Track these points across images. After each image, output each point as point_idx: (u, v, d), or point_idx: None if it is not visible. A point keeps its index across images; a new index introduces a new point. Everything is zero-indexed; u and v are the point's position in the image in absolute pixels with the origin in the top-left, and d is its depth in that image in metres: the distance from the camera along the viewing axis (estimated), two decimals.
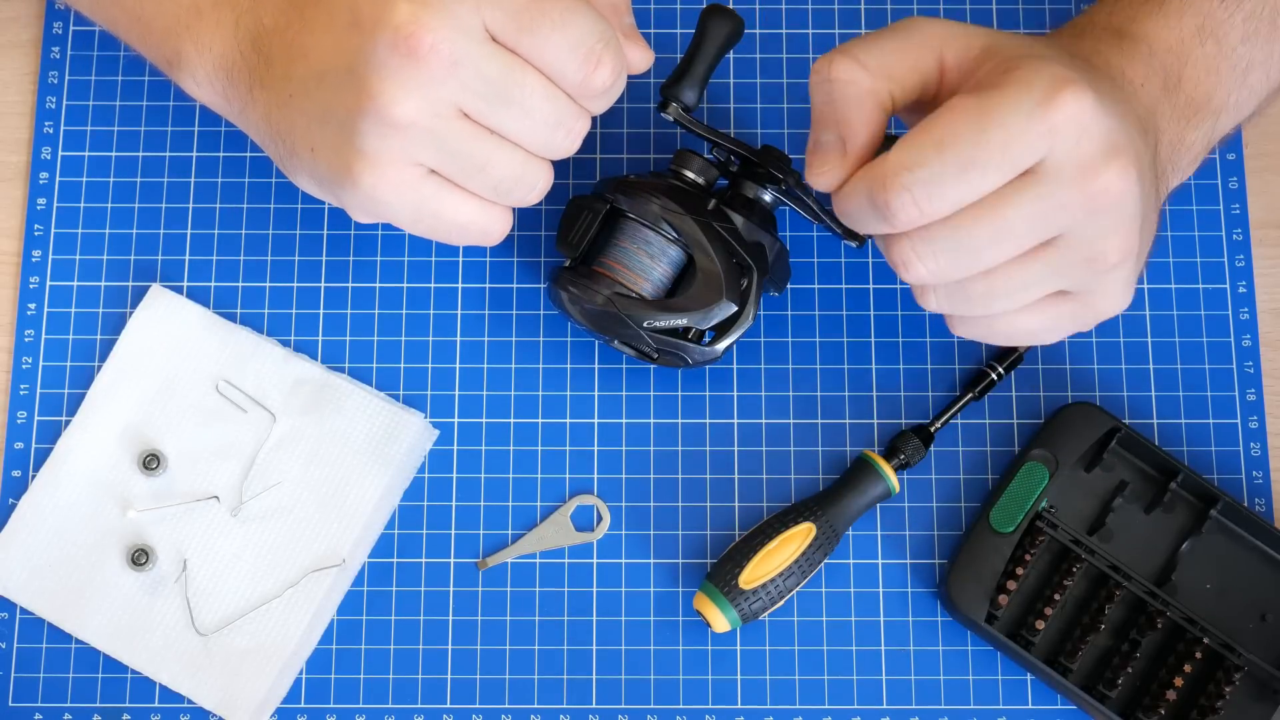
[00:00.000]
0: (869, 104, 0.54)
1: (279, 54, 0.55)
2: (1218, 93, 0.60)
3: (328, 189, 0.57)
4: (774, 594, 0.64)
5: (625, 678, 0.66)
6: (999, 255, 0.53)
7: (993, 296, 0.54)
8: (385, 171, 0.54)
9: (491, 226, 0.57)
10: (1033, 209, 0.51)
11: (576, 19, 0.53)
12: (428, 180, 0.55)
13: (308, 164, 0.56)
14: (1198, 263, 0.71)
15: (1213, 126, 0.60)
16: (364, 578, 0.67)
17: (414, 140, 0.53)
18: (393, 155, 0.53)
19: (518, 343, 0.70)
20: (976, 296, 0.55)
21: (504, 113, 0.53)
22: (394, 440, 0.67)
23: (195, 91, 0.60)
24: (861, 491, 0.66)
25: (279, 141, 0.57)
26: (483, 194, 0.56)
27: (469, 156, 0.54)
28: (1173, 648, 0.65)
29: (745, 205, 0.65)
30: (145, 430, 0.68)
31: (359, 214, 0.57)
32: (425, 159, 0.54)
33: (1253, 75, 0.60)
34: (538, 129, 0.54)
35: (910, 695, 0.66)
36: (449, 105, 0.53)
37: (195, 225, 0.71)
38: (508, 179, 0.56)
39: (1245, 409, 0.69)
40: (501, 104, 0.53)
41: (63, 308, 0.70)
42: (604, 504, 0.68)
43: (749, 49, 0.73)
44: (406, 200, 0.55)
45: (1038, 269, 0.53)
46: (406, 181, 0.54)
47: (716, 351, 0.64)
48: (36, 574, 0.66)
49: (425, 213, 0.56)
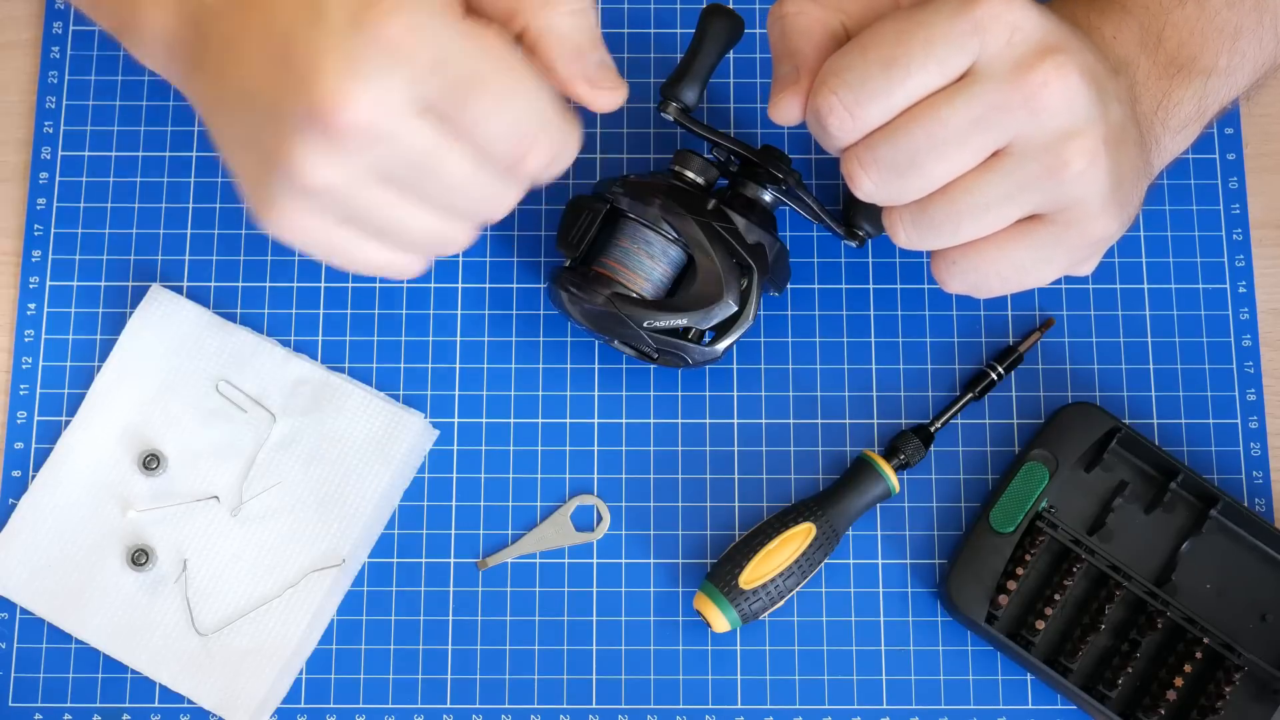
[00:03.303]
0: (819, 33, 0.54)
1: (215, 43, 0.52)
2: (1204, 54, 0.60)
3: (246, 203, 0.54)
4: (774, 594, 0.64)
5: (625, 678, 0.66)
6: (945, 165, 0.52)
7: (957, 219, 0.54)
8: (295, 220, 0.51)
9: (407, 269, 0.55)
10: (968, 110, 0.51)
11: (516, 99, 0.49)
12: (340, 227, 0.52)
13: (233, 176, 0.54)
14: (1198, 263, 0.71)
15: (1203, 87, 0.60)
16: (364, 578, 0.67)
17: (326, 202, 0.50)
18: (303, 210, 0.51)
19: (518, 343, 0.70)
20: (940, 220, 0.54)
21: (425, 183, 0.51)
22: (394, 440, 0.67)
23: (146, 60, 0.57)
24: (861, 491, 0.66)
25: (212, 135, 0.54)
26: (400, 247, 0.54)
27: (381, 219, 0.52)
28: (1173, 648, 0.65)
29: (745, 205, 0.65)
30: (145, 430, 0.68)
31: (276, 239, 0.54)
32: (338, 215, 0.51)
33: (1243, 40, 0.60)
34: (461, 200, 0.52)
35: (910, 695, 0.66)
36: (365, 173, 0.49)
37: (195, 225, 0.71)
38: (422, 241, 0.53)
39: (1245, 409, 0.69)
40: (424, 176, 0.50)
41: (63, 308, 0.70)
42: (604, 504, 0.68)
43: (749, 49, 0.73)
44: (316, 244, 0.52)
45: (995, 182, 0.52)
46: (317, 228, 0.52)
47: (716, 351, 0.64)
48: (36, 574, 0.66)
49: (336, 255, 0.53)
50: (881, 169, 0.53)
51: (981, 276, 0.57)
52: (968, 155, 0.52)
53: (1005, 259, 0.56)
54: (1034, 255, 0.55)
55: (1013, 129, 0.51)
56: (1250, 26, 0.60)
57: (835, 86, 0.51)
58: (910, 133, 0.51)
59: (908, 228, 0.55)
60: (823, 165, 0.72)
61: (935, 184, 0.53)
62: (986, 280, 0.57)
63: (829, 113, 0.52)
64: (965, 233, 0.54)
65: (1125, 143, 0.54)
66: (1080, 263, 0.58)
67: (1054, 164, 0.52)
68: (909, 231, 0.55)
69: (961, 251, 0.56)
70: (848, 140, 0.53)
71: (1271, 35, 0.61)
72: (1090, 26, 0.58)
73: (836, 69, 0.52)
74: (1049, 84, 0.50)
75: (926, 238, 0.55)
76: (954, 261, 0.56)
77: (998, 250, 0.55)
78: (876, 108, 0.51)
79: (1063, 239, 0.55)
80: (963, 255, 0.56)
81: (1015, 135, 0.52)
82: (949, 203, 0.53)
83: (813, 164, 0.72)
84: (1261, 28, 0.61)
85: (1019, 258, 0.56)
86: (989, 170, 0.52)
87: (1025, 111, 0.51)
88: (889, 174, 0.53)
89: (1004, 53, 0.50)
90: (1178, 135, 0.61)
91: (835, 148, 0.54)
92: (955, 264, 0.57)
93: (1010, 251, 0.55)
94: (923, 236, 0.55)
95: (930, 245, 0.56)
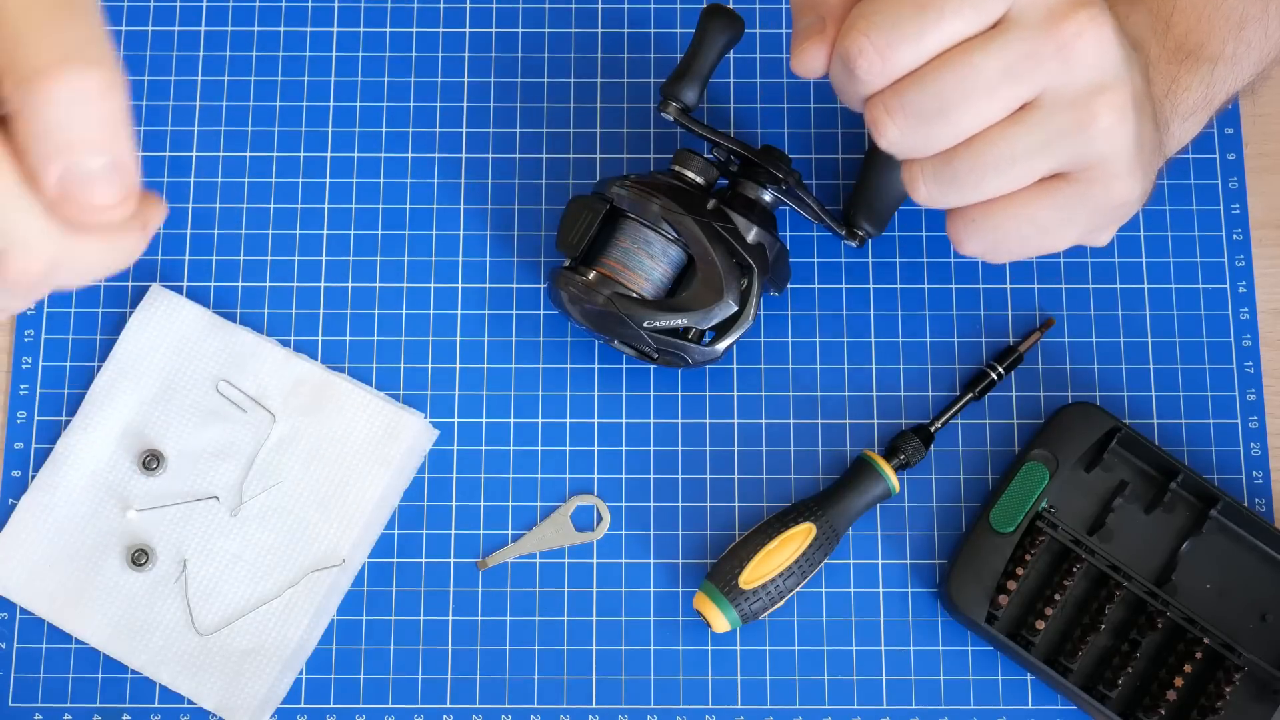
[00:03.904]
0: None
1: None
2: (1211, 41, 0.60)
3: None
4: (774, 594, 0.64)
5: (625, 678, 0.66)
6: (973, 115, 0.51)
7: (981, 172, 0.53)
8: None
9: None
10: (1001, 58, 0.50)
11: None
12: None
13: None
14: (1198, 263, 0.71)
15: (1210, 74, 0.60)
16: (364, 578, 0.67)
17: None
18: None
19: (518, 343, 0.70)
20: (964, 173, 0.53)
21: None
22: (394, 440, 0.67)
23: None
24: (861, 491, 0.66)
25: None
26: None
27: None
28: (1173, 648, 0.65)
29: (745, 205, 0.65)
30: (145, 430, 0.68)
31: None
32: None
33: (1248, 29, 0.60)
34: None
35: (910, 695, 0.66)
36: None
37: (195, 225, 0.71)
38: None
39: (1245, 409, 0.69)
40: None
41: (63, 308, 0.70)
42: (604, 504, 0.68)
43: (749, 49, 0.73)
44: None
45: (1023, 135, 0.52)
46: None
47: (716, 351, 0.64)
48: (36, 574, 0.66)
49: None
50: (909, 115, 0.51)
51: (1001, 235, 0.55)
52: (997, 105, 0.51)
53: (1026, 217, 0.54)
54: (1056, 215, 0.54)
55: (1043, 80, 0.51)
56: (1256, 15, 0.61)
57: (866, 29, 0.50)
58: (940, 79, 0.51)
59: (929, 181, 0.54)
60: (822, 165, 0.72)
61: (961, 135, 0.52)
62: (1006, 240, 0.55)
63: (859, 54, 0.50)
64: (988, 188, 0.53)
65: (1146, 111, 0.54)
66: (1098, 229, 0.57)
67: (1083, 118, 0.51)
68: (930, 185, 0.54)
69: (982, 210, 0.55)
70: (876, 85, 0.52)
71: (1277, 24, 0.61)
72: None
73: (867, 12, 0.51)
74: (1083, 34, 0.50)
75: (948, 192, 0.54)
76: (973, 220, 0.55)
77: (1020, 208, 0.54)
78: (908, 51, 0.50)
79: (1086, 198, 0.54)
80: (983, 213, 0.55)
81: (1045, 87, 0.51)
82: (973, 155, 0.52)
83: (813, 164, 0.72)
84: (1267, 16, 0.61)
85: (1041, 217, 0.54)
86: (1016, 123, 0.52)
87: (1057, 61, 0.50)
88: (915, 121, 0.52)
89: (1038, 1, 0.50)
90: (1185, 122, 0.61)
91: (860, 96, 0.53)
92: (974, 222, 0.55)
93: (1032, 209, 0.54)
94: (944, 191, 0.54)
95: (950, 201, 0.55)
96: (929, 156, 0.53)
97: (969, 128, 0.52)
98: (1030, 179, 0.53)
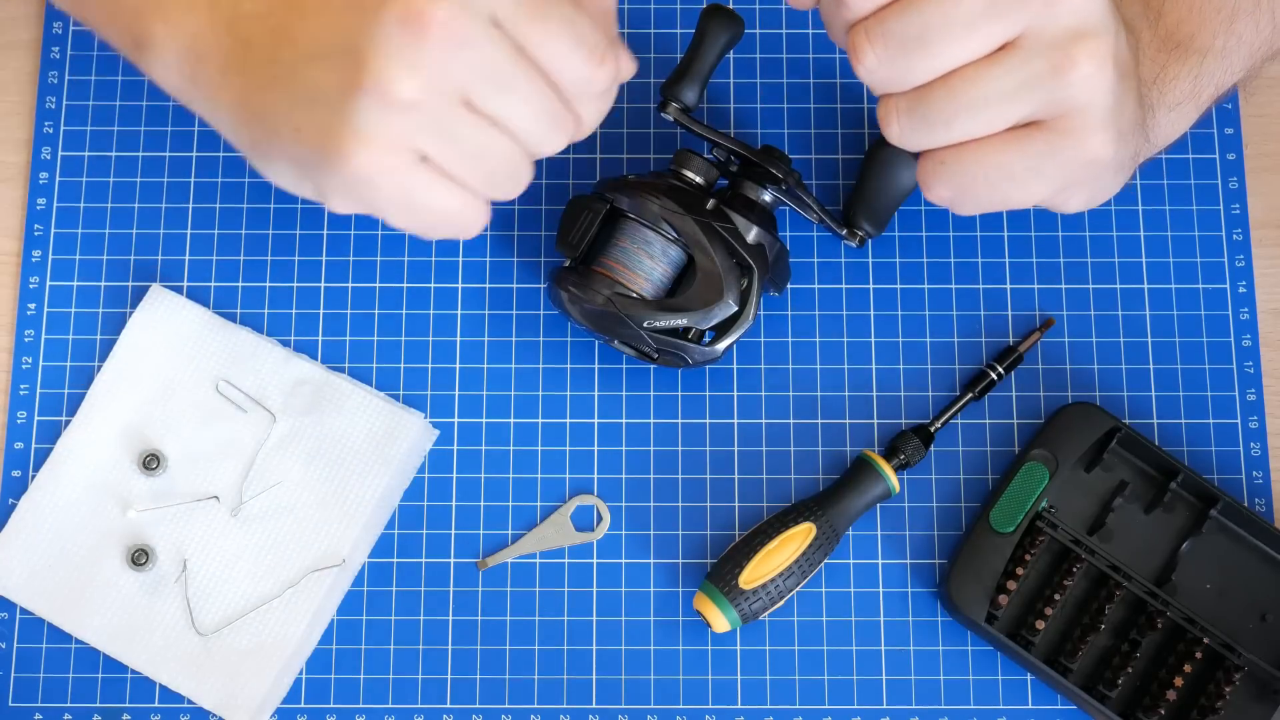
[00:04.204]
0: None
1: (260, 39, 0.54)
2: (1201, 34, 0.60)
3: (309, 173, 0.54)
4: (774, 594, 0.64)
5: (625, 678, 0.66)
6: (953, 49, 0.52)
7: (954, 111, 0.53)
8: (378, 153, 0.52)
9: (474, 220, 0.56)
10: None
11: (583, 17, 0.52)
12: (419, 167, 0.53)
13: (288, 147, 0.54)
14: (1198, 263, 0.71)
15: (1199, 66, 0.60)
16: (364, 578, 0.67)
17: (413, 122, 0.51)
18: (389, 136, 0.52)
19: (518, 343, 0.70)
20: (937, 110, 0.53)
21: (505, 101, 0.52)
22: (394, 440, 0.67)
23: (162, 75, 0.58)
24: (861, 491, 0.66)
25: (255, 125, 0.55)
26: (471, 184, 0.54)
27: (466, 143, 0.53)
28: (1173, 648, 0.65)
29: (745, 205, 0.65)
30: (145, 430, 0.68)
31: (340, 200, 0.55)
32: (421, 143, 0.52)
33: (1240, 23, 0.61)
34: (535, 122, 0.53)
35: (910, 695, 0.66)
36: (453, 88, 0.51)
37: (195, 225, 0.71)
38: (500, 170, 0.54)
39: (1245, 409, 0.69)
40: (503, 92, 0.52)
41: (63, 308, 0.70)
42: (604, 504, 0.68)
43: (749, 49, 0.73)
44: (395, 185, 0.53)
45: (1000, 75, 0.52)
46: (398, 166, 0.53)
47: (716, 351, 0.64)
48: (36, 574, 0.66)
49: (411, 201, 0.54)
50: (889, 44, 0.52)
51: (969, 180, 0.55)
52: (977, 41, 0.51)
53: (996, 162, 0.54)
54: (1025, 163, 0.54)
55: (1026, 19, 0.51)
56: (1247, 9, 0.61)
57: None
58: (924, 8, 0.51)
59: (902, 117, 0.54)
60: (822, 165, 0.72)
61: (939, 69, 0.52)
62: (973, 185, 0.55)
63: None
64: (961, 129, 0.54)
65: (1129, 78, 0.54)
66: (1069, 188, 0.56)
67: (1062, 62, 0.51)
68: (903, 122, 0.54)
69: (954, 151, 0.55)
70: (860, 12, 0.52)
71: (1268, 19, 0.61)
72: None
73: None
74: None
75: (919, 130, 0.54)
76: (943, 161, 0.55)
77: (991, 153, 0.54)
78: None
79: (1058, 150, 0.54)
80: (954, 156, 0.55)
81: (1027, 27, 0.51)
82: (949, 93, 0.53)
83: (813, 164, 0.72)
84: (1259, 11, 0.61)
85: (1010, 163, 0.54)
86: (995, 63, 0.52)
87: (1041, 2, 0.51)
88: (895, 50, 0.52)
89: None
90: (1172, 112, 0.60)
91: (846, 22, 0.53)
92: (944, 164, 0.55)
93: (1003, 156, 0.54)
94: (915, 129, 0.54)
95: (921, 142, 0.55)
96: (904, 92, 0.54)
97: (947, 62, 0.52)
98: (1004, 123, 0.54)
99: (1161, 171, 0.72)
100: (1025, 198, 0.56)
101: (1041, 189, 0.56)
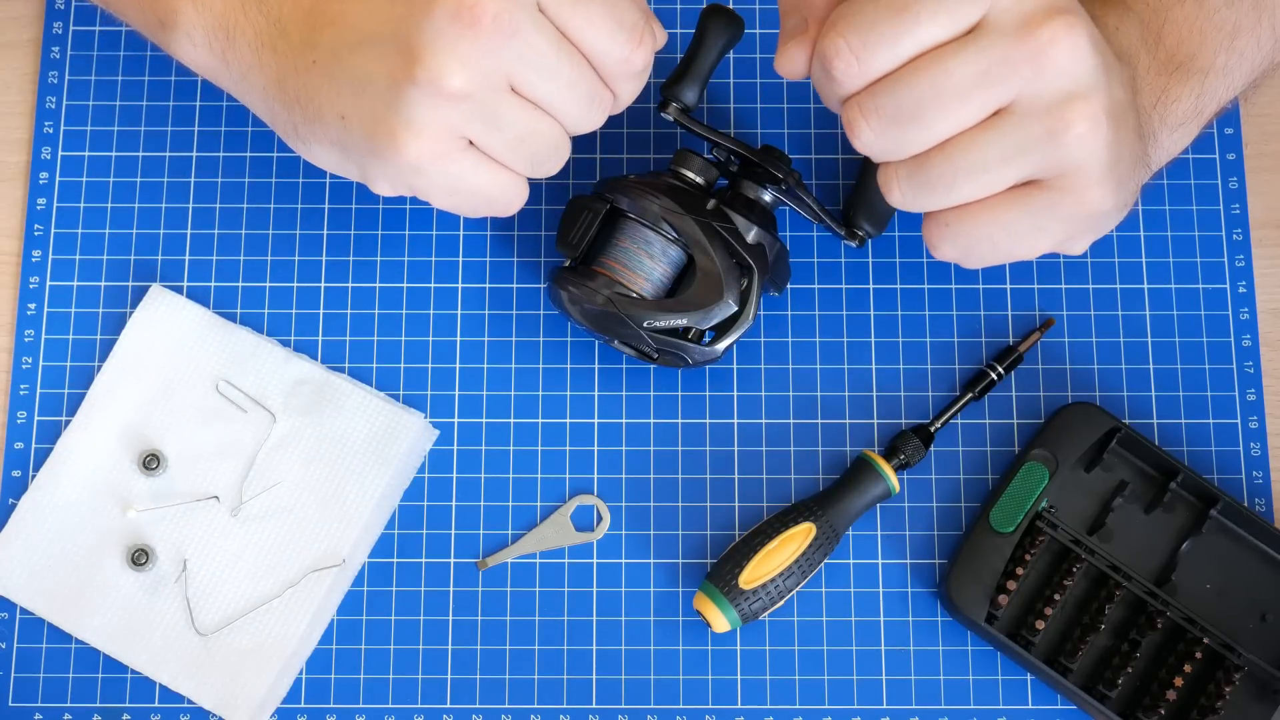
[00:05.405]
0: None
1: (296, 20, 0.55)
2: (1202, 53, 0.60)
3: (355, 159, 0.56)
4: (774, 594, 0.64)
5: (625, 678, 0.66)
6: (947, 119, 0.52)
7: (954, 176, 0.53)
8: (429, 142, 0.54)
9: (517, 199, 0.58)
10: (975, 63, 0.51)
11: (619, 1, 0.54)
12: (466, 152, 0.55)
13: (334, 132, 0.56)
14: (1198, 263, 0.71)
15: (1201, 85, 0.60)
16: (364, 578, 0.67)
17: (462, 112, 0.53)
18: (439, 126, 0.53)
19: (518, 343, 0.70)
20: (937, 177, 0.53)
21: (549, 86, 0.54)
22: (394, 440, 0.67)
23: (190, 54, 0.59)
24: (861, 491, 0.66)
25: (295, 108, 0.56)
26: (516, 166, 0.56)
27: (512, 128, 0.55)
28: (1173, 648, 0.65)
29: (745, 205, 0.65)
30: (145, 430, 0.68)
31: (386, 185, 0.57)
32: (469, 130, 0.54)
33: (1240, 39, 0.60)
34: (576, 103, 0.55)
35: (910, 695, 0.66)
36: (501, 76, 0.53)
37: (195, 225, 0.71)
38: (542, 150, 0.56)
39: (1245, 409, 0.69)
40: (548, 76, 0.54)
41: (63, 308, 0.70)
42: (604, 504, 0.68)
43: (749, 49, 0.73)
44: (443, 171, 0.55)
45: (995, 141, 0.52)
46: (448, 153, 0.54)
47: (716, 351, 0.64)
48: (36, 574, 0.66)
49: (458, 185, 0.56)
50: (883, 118, 0.52)
51: (974, 241, 0.56)
52: (970, 110, 0.52)
53: (999, 223, 0.55)
54: (1028, 222, 0.55)
55: (1017, 86, 0.51)
56: (1248, 26, 0.60)
57: (843, 30, 0.52)
58: (914, 83, 0.51)
59: (903, 184, 0.55)
60: (823, 165, 0.72)
61: (935, 138, 0.53)
62: (978, 245, 0.56)
63: (835, 56, 0.52)
64: (961, 192, 0.54)
65: (1126, 123, 0.54)
66: (1073, 238, 0.57)
67: (1056, 125, 0.52)
68: (904, 188, 0.55)
69: (956, 214, 0.55)
70: (852, 87, 0.53)
71: (1269, 35, 0.61)
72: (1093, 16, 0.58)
73: (846, 14, 0.52)
74: (1057, 41, 0.50)
75: (921, 196, 0.55)
76: (947, 224, 0.56)
77: (992, 213, 0.55)
78: (883, 54, 0.51)
79: (1058, 206, 0.54)
80: (957, 217, 0.56)
81: (1019, 93, 0.51)
82: (947, 160, 0.53)
83: (813, 164, 0.72)
84: (1259, 27, 0.61)
85: (1013, 223, 0.55)
86: (990, 129, 0.52)
87: (1031, 68, 0.51)
88: (890, 124, 0.52)
89: (1014, 8, 0.50)
90: (1175, 133, 0.60)
91: (839, 96, 0.54)
92: (948, 226, 0.56)
93: (1005, 216, 0.55)
94: (918, 194, 0.55)
95: (925, 205, 0.55)
96: (904, 160, 0.54)
97: (942, 132, 0.53)
98: (1003, 185, 0.54)
99: (1161, 172, 0.71)
100: (1030, 251, 0.57)
101: (1045, 242, 0.57)
